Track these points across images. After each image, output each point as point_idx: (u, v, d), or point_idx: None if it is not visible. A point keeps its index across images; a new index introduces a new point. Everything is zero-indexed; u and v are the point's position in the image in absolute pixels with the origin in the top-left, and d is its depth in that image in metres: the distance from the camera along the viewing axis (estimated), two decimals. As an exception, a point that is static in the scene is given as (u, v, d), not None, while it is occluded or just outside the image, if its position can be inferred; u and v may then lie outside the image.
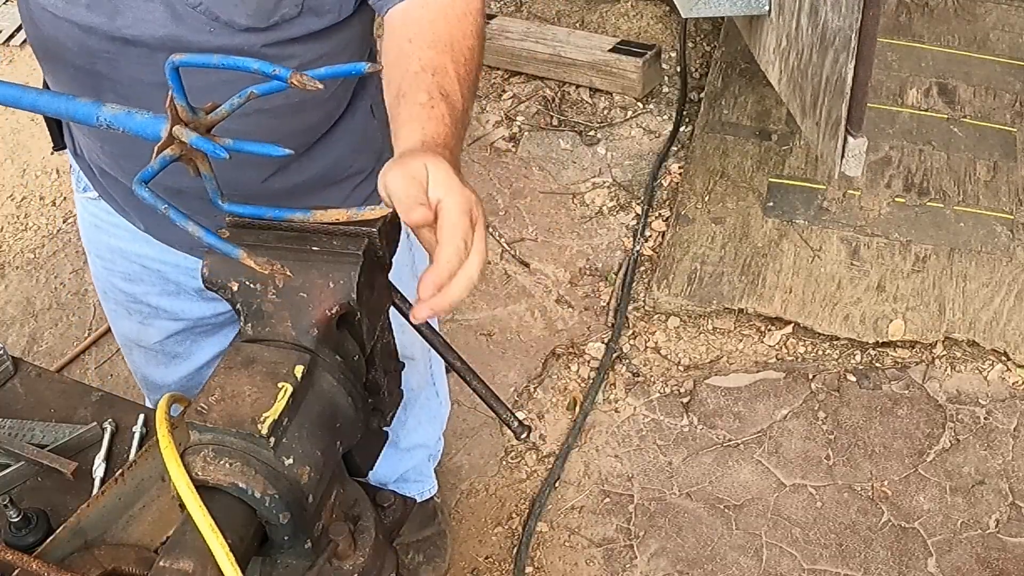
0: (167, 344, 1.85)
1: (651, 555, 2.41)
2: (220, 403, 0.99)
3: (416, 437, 2.22)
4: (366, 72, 1.01)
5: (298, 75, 0.95)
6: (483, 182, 3.33)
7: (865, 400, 2.66)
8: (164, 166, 1.03)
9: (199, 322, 1.81)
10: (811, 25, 2.56)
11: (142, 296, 1.78)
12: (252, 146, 1.01)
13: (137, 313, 1.81)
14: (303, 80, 0.95)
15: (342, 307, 1.05)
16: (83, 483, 1.35)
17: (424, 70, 1.20)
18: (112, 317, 1.90)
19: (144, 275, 1.74)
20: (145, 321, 1.82)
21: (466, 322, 2.93)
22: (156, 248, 1.68)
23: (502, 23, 3.70)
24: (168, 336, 1.83)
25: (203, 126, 1.03)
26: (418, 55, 1.22)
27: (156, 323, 1.81)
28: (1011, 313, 2.74)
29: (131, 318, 1.83)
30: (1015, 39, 3.53)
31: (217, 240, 1.02)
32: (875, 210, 2.99)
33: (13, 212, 3.36)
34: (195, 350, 1.87)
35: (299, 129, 1.48)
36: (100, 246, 1.77)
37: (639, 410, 2.69)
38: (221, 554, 0.94)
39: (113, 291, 1.81)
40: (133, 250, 1.71)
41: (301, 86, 0.95)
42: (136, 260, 1.72)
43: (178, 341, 1.85)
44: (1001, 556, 2.36)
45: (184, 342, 1.85)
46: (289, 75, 0.94)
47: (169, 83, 0.99)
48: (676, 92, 3.52)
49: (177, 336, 1.83)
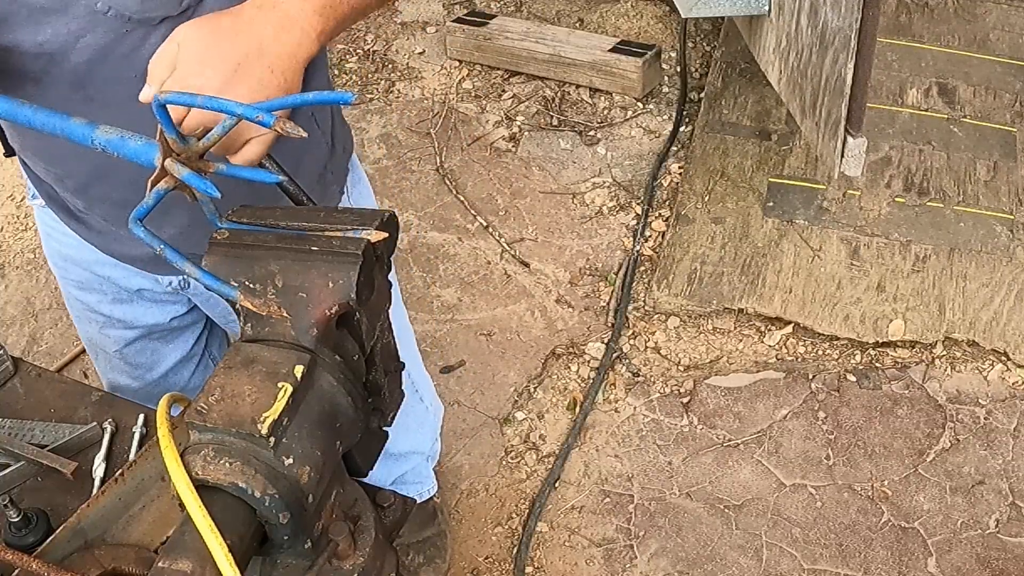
0: (127, 353, 1.83)
1: (651, 555, 2.41)
2: (220, 403, 0.99)
3: (405, 444, 2.18)
4: (353, 103, 1.01)
5: (281, 122, 0.94)
6: (483, 182, 3.33)
7: (865, 400, 2.66)
8: (159, 200, 1.04)
9: (154, 328, 1.79)
10: (811, 25, 2.57)
11: (95, 305, 1.76)
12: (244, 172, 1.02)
13: (94, 322, 1.81)
14: (286, 128, 0.95)
15: (342, 307, 1.05)
16: (83, 483, 1.35)
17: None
18: (76, 323, 1.89)
19: (95, 283, 1.72)
20: (102, 330, 1.81)
21: (466, 322, 2.93)
22: (103, 254, 1.66)
23: (502, 23, 3.70)
24: (125, 345, 1.82)
25: (195, 153, 1.03)
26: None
27: (111, 332, 1.80)
28: (1011, 313, 2.74)
29: (90, 326, 1.83)
30: (1015, 39, 3.53)
31: (214, 280, 1.03)
32: (875, 210, 2.99)
33: (13, 212, 3.36)
34: (157, 359, 1.86)
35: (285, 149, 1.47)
36: (53, 254, 1.75)
37: (639, 410, 2.69)
38: (220, 555, 0.94)
39: (70, 299, 1.81)
40: (82, 257, 1.69)
41: (285, 134, 0.95)
42: (87, 267, 1.70)
43: (137, 351, 1.83)
44: (1001, 556, 2.36)
45: (144, 352, 1.84)
46: (273, 123, 0.94)
47: (156, 118, 1.00)
48: (676, 92, 3.52)
49: (134, 345, 1.82)
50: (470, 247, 3.14)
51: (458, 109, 3.57)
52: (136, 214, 1.02)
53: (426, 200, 3.28)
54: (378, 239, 1.05)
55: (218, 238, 1.08)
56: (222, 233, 1.09)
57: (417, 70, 3.74)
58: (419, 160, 3.41)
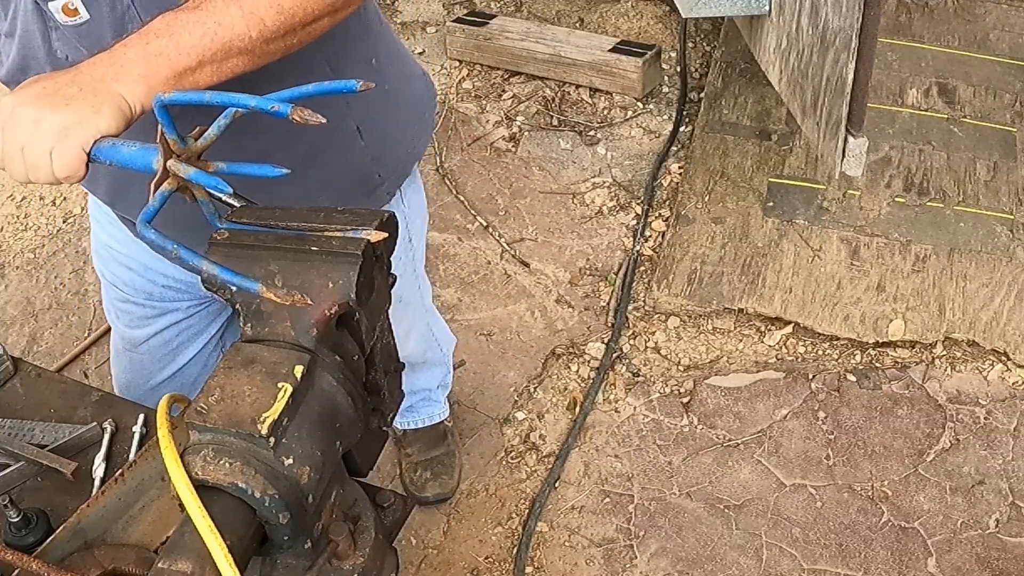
0: (152, 345, 1.87)
1: (651, 555, 2.41)
2: (220, 403, 0.99)
3: (418, 383, 2.38)
4: (358, 90, 1.01)
5: (299, 110, 0.94)
6: (483, 182, 3.33)
7: (865, 400, 2.66)
8: (164, 202, 1.03)
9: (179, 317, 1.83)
10: (811, 25, 2.57)
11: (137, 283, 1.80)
12: (248, 168, 1.01)
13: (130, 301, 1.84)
14: (304, 115, 0.94)
15: (341, 307, 1.05)
16: (83, 483, 1.35)
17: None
18: (108, 311, 1.94)
19: (140, 269, 1.78)
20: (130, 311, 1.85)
21: (466, 322, 2.93)
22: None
23: (502, 23, 3.70)
24: (154, 335, 1.85)
25: (194, 154, 1.03)
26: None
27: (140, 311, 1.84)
28: (1011, 313, 2.74)
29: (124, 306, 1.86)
30: (1015, 39, 3.53)
31: (233, 275, 1.01)
32: (875, 210, 2.99)
33: (13, 212, 3.36)
34: (177, 353, 1.89)
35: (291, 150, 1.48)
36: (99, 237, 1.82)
37: (639, 410, 2.69)
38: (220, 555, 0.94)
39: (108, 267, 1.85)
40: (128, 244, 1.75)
41: (303, 121, 0.94)
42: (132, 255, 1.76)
43: (162, 343, 1.86)
44: (1001, 556, 2.36)
45: (168, 344, 1.87)
46: (290, 111, 0.94)
47: (158, 119, 0.99)
48: (676, 92, 3.52)
49: (161, 335, 1.85)
50: (470, 247, 3.14)
51: (458, 109, 3.57)
52: (143, 217, 1.02)
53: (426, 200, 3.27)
54: (378, 239, 1.04)
55: (218, 238, 1.08)
56: (222, 233, 1.09)
57: (417, 70, 3.74)
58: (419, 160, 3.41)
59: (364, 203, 1.61)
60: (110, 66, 1.12)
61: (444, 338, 2.36)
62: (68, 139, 1.07)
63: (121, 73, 1.11)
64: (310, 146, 1.47)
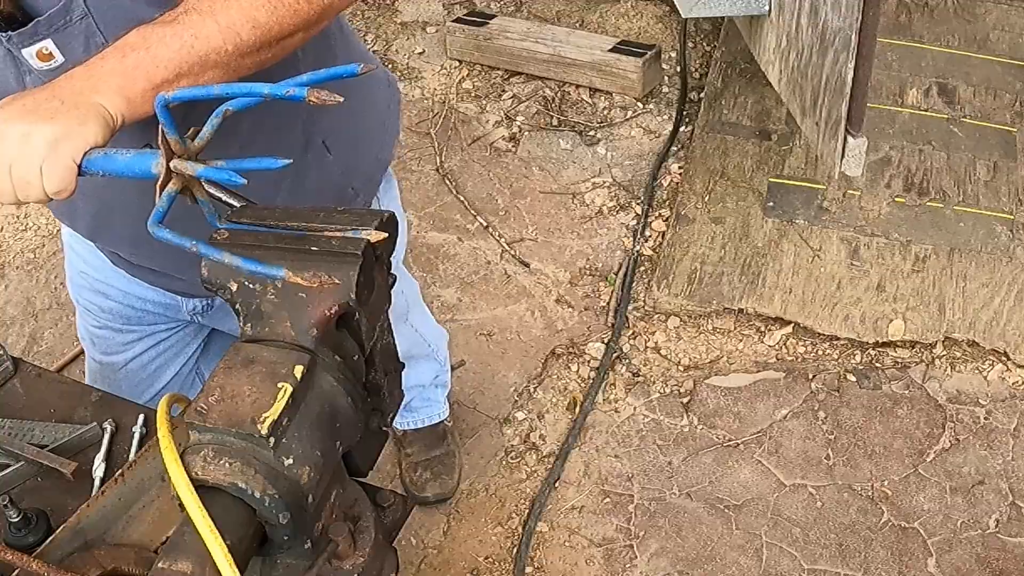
0: (131, 369, 1.87)
1: (651, 555, 2.41)
2: (220, 403, 0.99)
3: (408, 380, 2.31)
4: (360, 73, 1.00)
5: (315, 91, 0.93)
6: (483, 182, 3.33)
7: (865, 400, 2.66)
8: (172, 202, 1.02)
9: (158, 340, 1.83)
10: (811, 25, 2.57)
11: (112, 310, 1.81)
12: (248, 163, 1.01)
13: (106, 327, 1.86)
14: (321, 96, 0.93)
15: (341, 307, 1.05)
16: (83, 483, 1.35)
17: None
18: (85, 339, 1.97)
19: (118, 296, 1.78)
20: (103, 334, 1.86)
21: (466, 322, 2.93)
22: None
23: (502, 23, 3.70)
24: (133, 359, 1.86)
25: (192, 154, 1.03)
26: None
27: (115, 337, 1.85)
28: (1011, 313, 2.73)
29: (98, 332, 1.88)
30: (1015, 39, 3.53)
31: (257, 265, 1.00)
32: (875, 210, 2.99)
33: (13, 212, 3.36)
34: (156, 376, 1.89)
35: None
36: (74, 264, 1.84)
37: (639, 410, 2.69)
38: (220, 555, 0.94)
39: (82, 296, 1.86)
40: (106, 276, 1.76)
41: (320, 103, 0.94)
42: (110, 283, 1.77)
43: (140, 366, 1.87)
44: (1001, 556, 2.36)
45: (146, 367, 1.87)
46: (307, 93, 0.93)
47: (160, 120, 0.99)
48: (676, 92, 3.52)
49: (139, 359, 1.86)
50: (470, 247, 3.14)
51: (458, 109, 3.57)
52: (154, 219, 1.01)
53: (426, 200, 3.28)
54: (377, 239, 1.04)
55: (218, 239, 1.08)
56: (221, 233, 1.09)
57: (417, 70, 3.74)
58: (419, 160, 3.41)
59: None
60: (88, 79, 1.11)
61: (430, 333, 2.34)
62: (58, 152, 1.06)
63: (100, 85, 1.10)
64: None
